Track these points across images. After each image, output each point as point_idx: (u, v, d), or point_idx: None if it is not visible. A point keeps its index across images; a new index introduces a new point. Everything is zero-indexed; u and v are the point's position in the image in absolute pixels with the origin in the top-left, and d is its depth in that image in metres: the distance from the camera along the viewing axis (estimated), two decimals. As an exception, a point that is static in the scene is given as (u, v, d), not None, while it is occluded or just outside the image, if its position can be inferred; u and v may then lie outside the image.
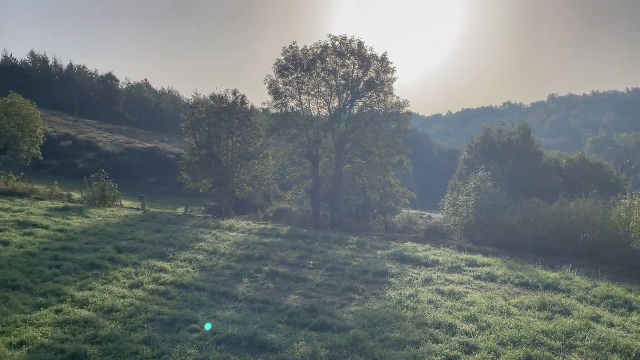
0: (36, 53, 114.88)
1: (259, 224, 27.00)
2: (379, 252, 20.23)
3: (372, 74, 30.74)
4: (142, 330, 11.35)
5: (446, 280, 16.36)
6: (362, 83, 30.82)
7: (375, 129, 31.30)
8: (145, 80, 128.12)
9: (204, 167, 34.14)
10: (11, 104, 46.96)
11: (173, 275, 15.77)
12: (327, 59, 30.72)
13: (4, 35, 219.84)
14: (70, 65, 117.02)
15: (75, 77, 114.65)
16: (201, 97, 40.83)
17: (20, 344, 10.39)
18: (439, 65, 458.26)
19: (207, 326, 11.61)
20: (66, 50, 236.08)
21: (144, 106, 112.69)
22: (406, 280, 16.31)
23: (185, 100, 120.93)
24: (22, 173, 38.36)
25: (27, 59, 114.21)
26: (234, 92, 35.04)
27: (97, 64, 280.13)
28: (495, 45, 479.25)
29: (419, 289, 15.28)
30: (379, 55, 30.96)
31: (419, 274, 17.10)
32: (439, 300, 14.14)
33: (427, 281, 16.21)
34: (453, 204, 29.51)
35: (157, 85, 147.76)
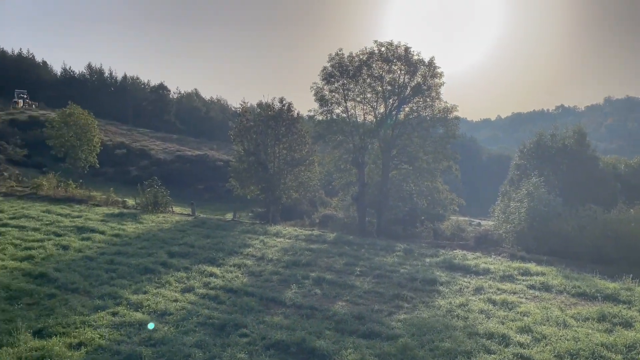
0: (93, 65, 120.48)
1: (306, 230, 27.13)
2: (428, 260, 19.90)
3: (419, 79, 30.41)
4: (193, 334, 11.62)
5: (498, 289, 15.88)
6: (408, 88, 30.53)
7: (422, 134, 30.89)
8: (195, 89, 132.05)
9: (252, 174, 34.68)
10: (70, 114, 49.30)
11: (223, 280, 16.07)
12: (373, 65, 30.63)
13: (63, 50, 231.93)
14: (125, 77, 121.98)
15: (129, 87, 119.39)
16: (248, 105, 41.53)
17: (80, 344, 10.83)
18: (487, 69, 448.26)
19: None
20: (121, 61, 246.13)
21: (194, 115, 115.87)
22: (456, 288, 15.95)
23: (233, 109, 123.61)
24: (81, 180, 40.16)
25: (85, 71, 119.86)
26: (281, 100, 35.50)
27: (150, 75, 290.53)
28: (546, 47, 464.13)
29: (470, 298, 14.92)
30: (426, 60, 30.63)
31: (469, 282, 16.69)
32: (491, 310, 13.75)
33: (478, 290, 15.80)
34: (504, 211, 28.67)
35: (206, 94, 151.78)
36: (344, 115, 31.80)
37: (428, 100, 30.80)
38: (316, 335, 11.67)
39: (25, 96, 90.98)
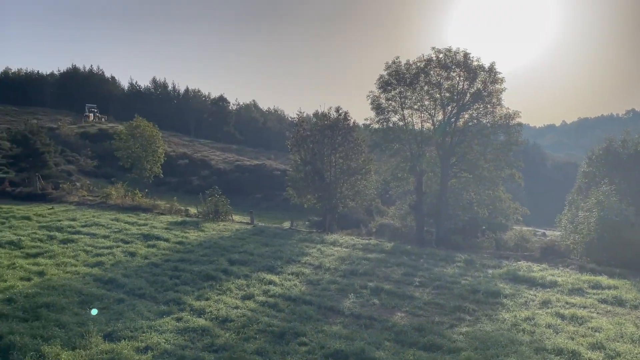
0: (157, 79, 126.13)
1: (363, 239, 26.99)
2: (490, 271, 19.26)
3: (479, 85, 29.61)
4: (254, 341, 11.79)
5: (567, 303, 15.12)
6: (468, 95, 29.81)
7: (483, 141, 30.00)
8: (253, 100, 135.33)
9: (309, 183, 34.95)
10: (137, 126, 51.86)
11: (282, 288, 16.24)
12: (431, 72, 30.14)
13: (130, 66, 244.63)
14: (187, 90, 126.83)
15: (191, 100, 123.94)
16: (304, 115, 41.99)
17: (146, 348, 11.24)
18: (549, 71, 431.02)
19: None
20: (183, 75, 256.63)
21: (252, 125, 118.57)
22: (521, 301, 15.33)
23: (289, 119, 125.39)
24: (146, 190, 41.92)
25: (150, 85, 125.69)
26: (337, 109, 35.64)
27: (210, 87, 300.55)
28: (614, 47, 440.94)
29: (536, 311, 14.29)
30: (486, 65, 29.81)
31: (535, 295, 15.99)
32: (559, 325, 13.10)
33: (545, 303, 15.11)
34: (572, 221, 27.28)
35: (264, 105, 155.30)
36: (401, 123, 31.46)
37: (489, 106, 29.92)
38: (375, 346, 11.54)
39: (95, 110, 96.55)
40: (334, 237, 26.50)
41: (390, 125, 31.72)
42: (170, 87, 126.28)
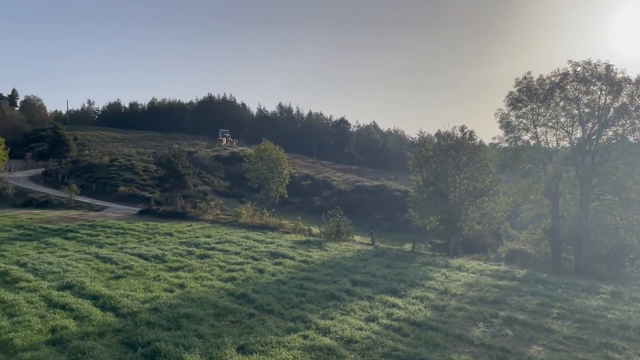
0: (283, 104, 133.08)
1: (491, 264, 25.54)
2: (643, 306, 17.07)
3: (625, 100, 26.86)
4: (379, 365, 11.58)
5: None
6: (611, 110, 27.15)
7: (630, 161, 26.99)
8: (373, 122, 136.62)
9: (431, 204, 34.09)
10: (264, 149, 54.99)
11: (406, 312, 15.86)
12: (568, 87, 28.02)
13: (261, 93, 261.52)
14: (310, 113, 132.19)
15: (313, 123, 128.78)
16: (425, 134, 41.15)
17: (276, 363, 11.57)
18: None
19: None
20: (306, 98, 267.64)
21: (372, 146, 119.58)
22: (685, 343, 13.32)
23: (410, 139, 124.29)
24: (273, 209, 43.92)
25: (276, 110, 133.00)
26: (462, 128, 34.53)
27: (332, 110, 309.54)
28: None
29: None
30: (633, 77, 27.00)
31: (702, 337, 13.81)
32: None
33: None
34: None
35: (384, 125, 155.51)
36: (533, 141, 29.56)
37: (637, 122, 26.98)
38: (510, 381, 10.71)
39: (227, 134, 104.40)
40: (459, 261, 25.42)
41: (521, 144, 29.95)
42: (294, 111, 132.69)
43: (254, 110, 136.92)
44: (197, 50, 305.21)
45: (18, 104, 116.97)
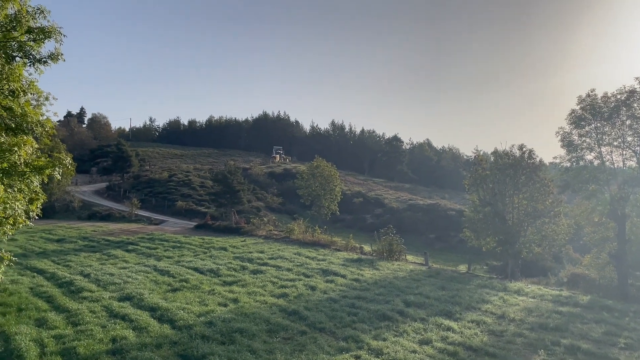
0: (335, 122, 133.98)
1: (552, 289, 24.38)
2: None
3: (699, 117, 25.31)
4: (434, 390, 11.26)
5: None
6: (682, 129, 25.64)
7: None
8: (427, 139, 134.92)
9: (488, 225, 33.10)
10: (317, 166, 55.40)
11: (461, 336, 15.39)
12: (635, 105, 26.66)
13: (313, 112, 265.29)
14: (362, 130, 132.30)
15: (365, 140, 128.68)
16: (482, 153, 40.15)
17: (328, 383, 11.48)
18: None
19: None
20: (359, 115, 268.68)
21: (425, 164, 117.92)
22: None
23: (465, 157, 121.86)
24: (325, 226, 44.00)
25: (329, 127, 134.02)
26: (521, 147, 33.47)
27: (384, 127, 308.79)
28: None
29: None
30: None
31: None
32: None
33: None
34: None
35: (438, 143, 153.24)
36: (597, 161, 28.19)
37: None
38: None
39: (281, 151, 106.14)
40: (518, 285, 24.44)
41: (584, 163, 28.64)
42: (347, 128, 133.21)
43: (306, 127, 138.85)
44: (254, 68, 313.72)
45: (85, 121, 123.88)
